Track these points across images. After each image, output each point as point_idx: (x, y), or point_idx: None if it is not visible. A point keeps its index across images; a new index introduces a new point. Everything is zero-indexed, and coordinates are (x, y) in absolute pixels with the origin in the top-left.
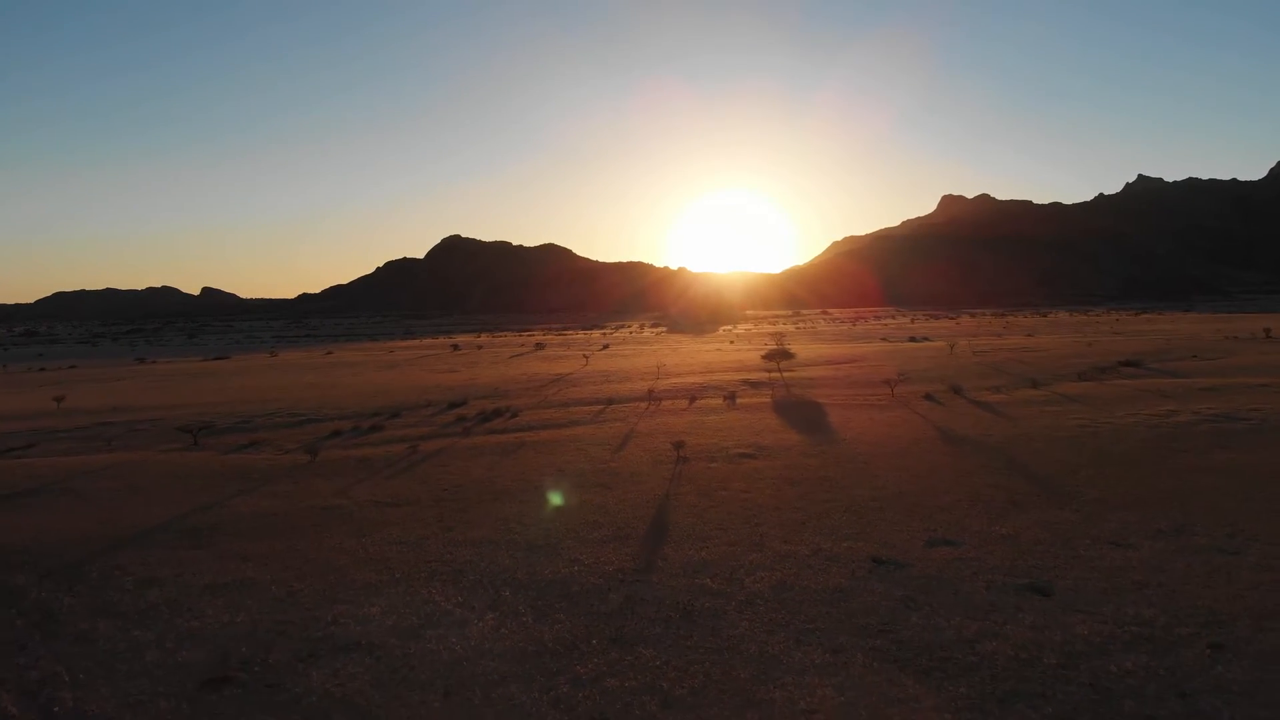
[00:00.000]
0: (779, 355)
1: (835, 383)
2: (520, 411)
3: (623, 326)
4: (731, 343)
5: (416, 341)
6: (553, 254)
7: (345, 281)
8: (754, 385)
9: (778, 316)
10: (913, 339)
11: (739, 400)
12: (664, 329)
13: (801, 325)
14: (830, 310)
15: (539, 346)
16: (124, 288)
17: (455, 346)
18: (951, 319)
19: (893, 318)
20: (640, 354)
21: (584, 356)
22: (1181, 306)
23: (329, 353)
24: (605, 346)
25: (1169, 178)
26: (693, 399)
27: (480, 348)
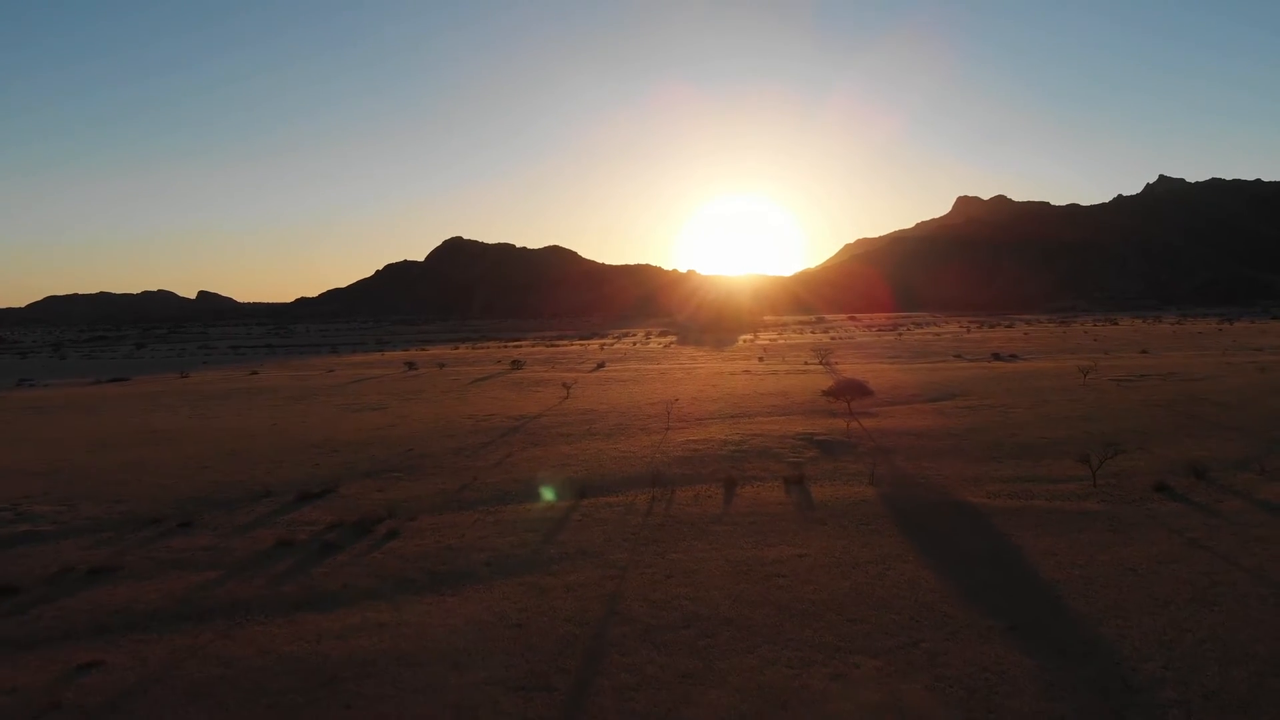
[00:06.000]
0: (850, 390)
1: (960, 445)
2: (411, 521)
3: (627, 335)
4: (761, 360)
5: (377, 356)
6: (558, 256)
7: (344, 285)
8: (824, 446)
9: (802, 324)
10: (997, 356)
11: (812, 486)
12: (674, 339)
13: (835, 335)
14: (858, 316)
15: (515, 365)
16: (118, 291)
17: (410, 365)
18: (1007, 328)
19: (938, 325)
20: (644, 377)
21: (564, 387)
22: (1255, 313)
23: (254, 373)
24: (600, 366)
25: (1190, 178)
26: (729, 484)
27: (442, 365)
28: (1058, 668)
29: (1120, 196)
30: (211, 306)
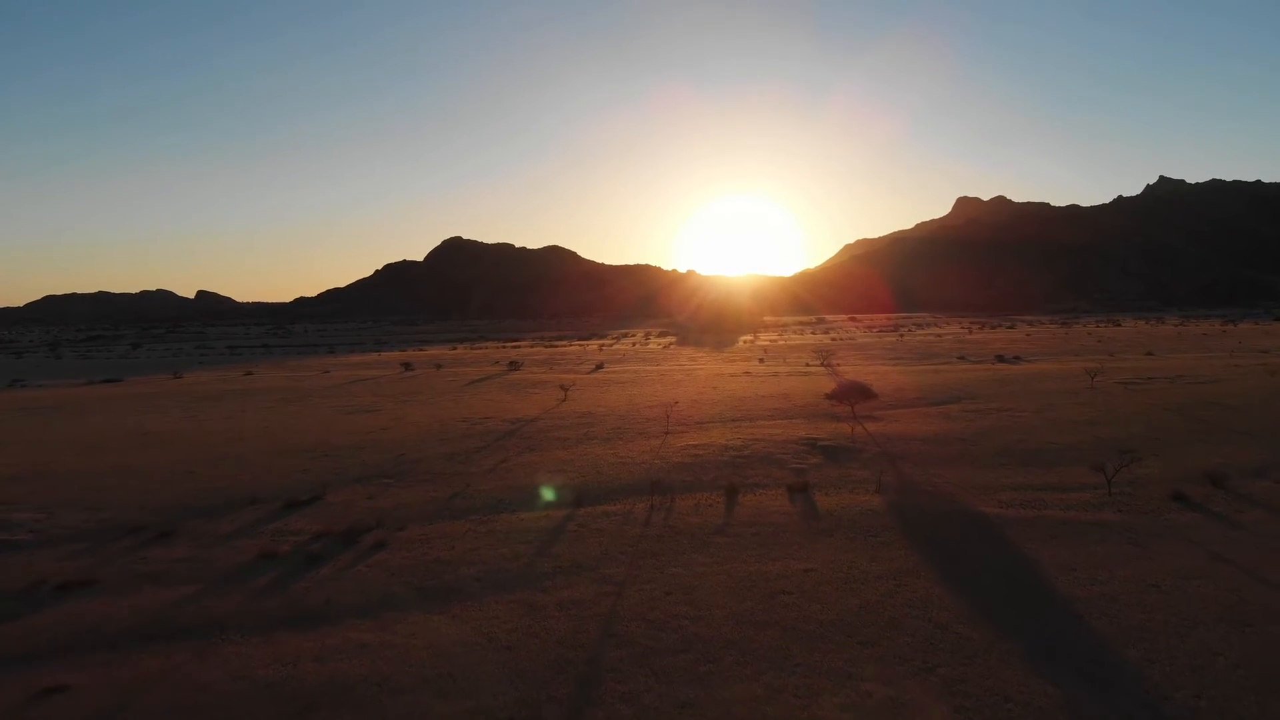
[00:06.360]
0: (853, 393)
1: (968, 451)
2: (400, 531)
3: (626, 335)
4: (761, 361)
5: (374, 356)
6: (557, 256)
7: (344, 285)
8: (828, 451)
9: (802, 324)
10: (1001, 358)
11: (817, 494)
12: (673, 340)
13: (836, 336)
14: (858, 317)
15: (512, 366)
16: (117, 291)
17: (406, 366)
18: (1009, 329)
19: (939, 326)
20: (642, 379)
21: (562, 389)
22: (1258, 314)
23: (249, 374)
24: (599, 367)
25: (1190, 179)
26: (731, 491)
27: (439, 366)
28: (1084, 696)
29: (1120, 197)
30: (210, 306)
